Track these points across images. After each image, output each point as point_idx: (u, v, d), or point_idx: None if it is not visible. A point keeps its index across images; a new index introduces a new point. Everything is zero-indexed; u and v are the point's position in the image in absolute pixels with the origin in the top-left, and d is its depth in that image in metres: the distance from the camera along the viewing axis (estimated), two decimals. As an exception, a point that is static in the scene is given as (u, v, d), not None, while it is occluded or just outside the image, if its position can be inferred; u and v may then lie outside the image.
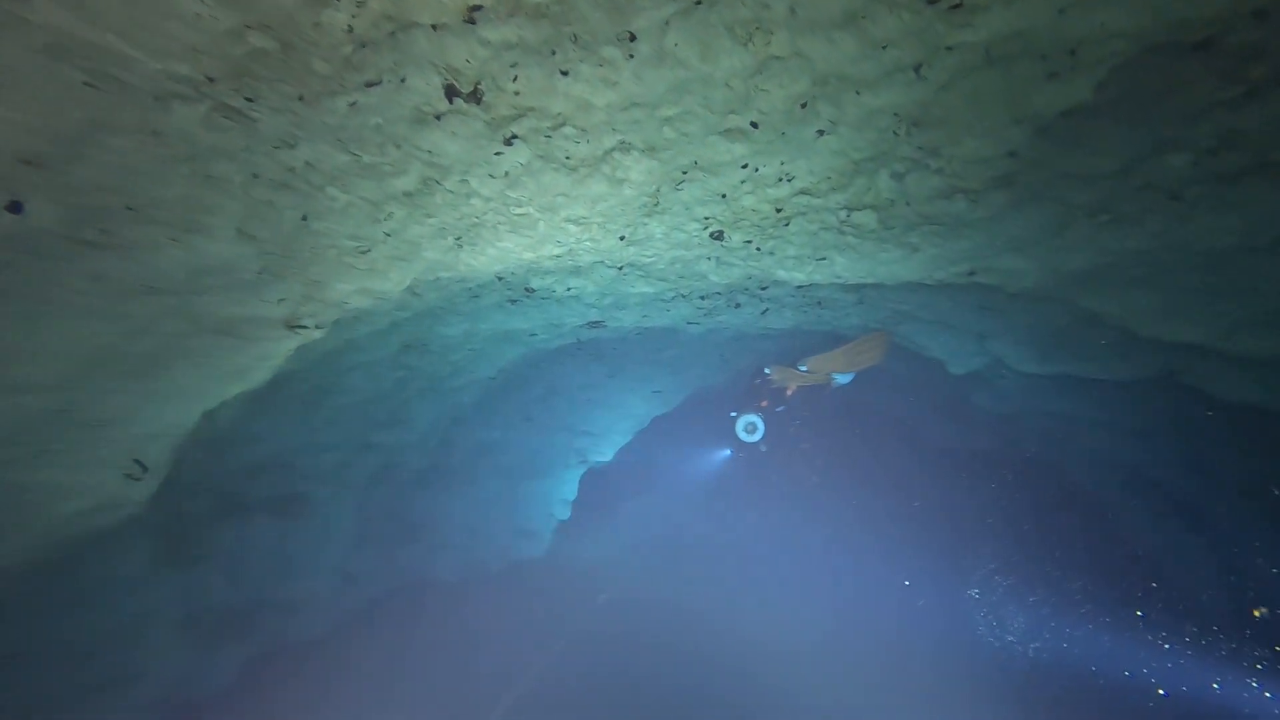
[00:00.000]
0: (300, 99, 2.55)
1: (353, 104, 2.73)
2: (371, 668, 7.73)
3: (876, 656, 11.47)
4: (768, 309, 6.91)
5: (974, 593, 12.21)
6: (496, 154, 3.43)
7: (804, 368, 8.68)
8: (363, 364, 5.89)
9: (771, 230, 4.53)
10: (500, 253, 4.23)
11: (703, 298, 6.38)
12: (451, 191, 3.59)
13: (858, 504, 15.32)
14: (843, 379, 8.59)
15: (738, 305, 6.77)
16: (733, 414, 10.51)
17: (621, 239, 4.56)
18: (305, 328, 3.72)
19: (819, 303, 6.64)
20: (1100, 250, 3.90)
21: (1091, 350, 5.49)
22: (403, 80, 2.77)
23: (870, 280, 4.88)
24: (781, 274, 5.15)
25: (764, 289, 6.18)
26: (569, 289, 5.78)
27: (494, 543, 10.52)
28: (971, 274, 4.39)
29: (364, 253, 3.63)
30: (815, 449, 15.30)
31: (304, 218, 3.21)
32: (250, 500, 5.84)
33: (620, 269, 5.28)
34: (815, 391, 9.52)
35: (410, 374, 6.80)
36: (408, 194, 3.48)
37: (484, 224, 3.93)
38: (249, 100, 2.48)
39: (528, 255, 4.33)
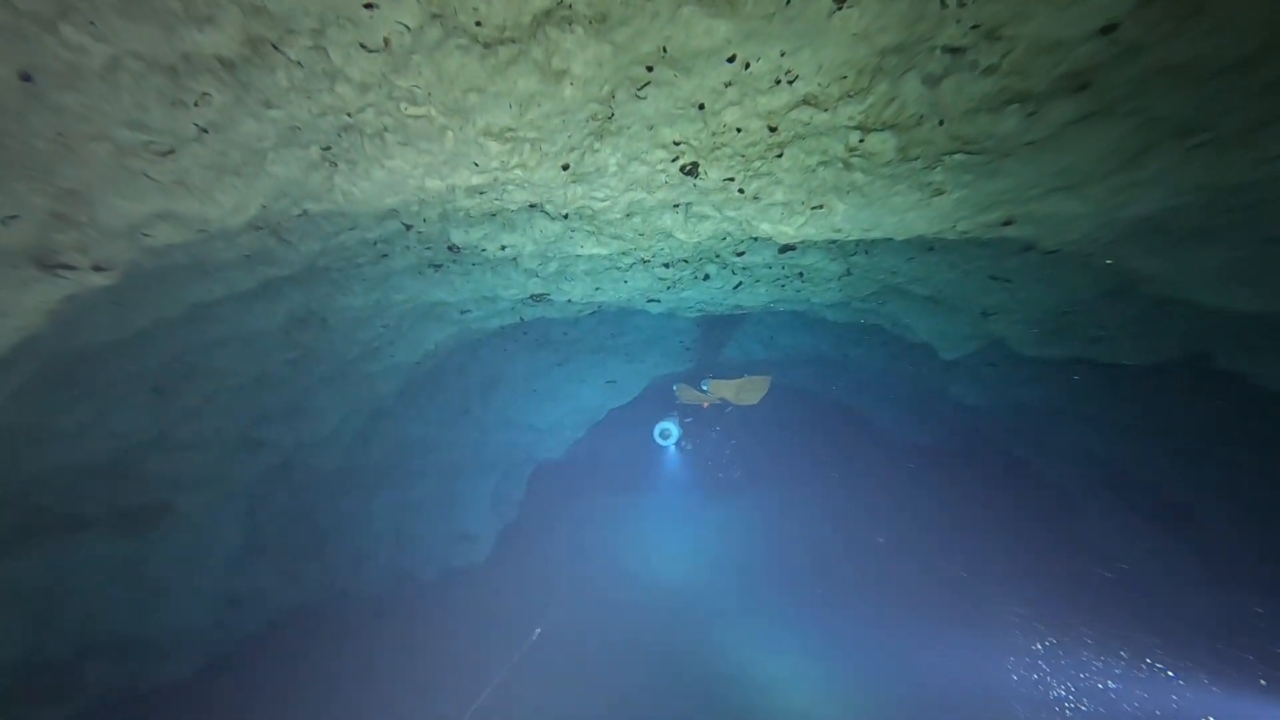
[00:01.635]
0: None
1: None
2: (262, 705, 6.35)
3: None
4: (741, 282, 5.88)
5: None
6: (366, 5, 2.24)
7: (706, 386, 9.01)
8: (234, 340, 4.54)
9: (759, 163, 3.47)
10: (392, 177, 3.01)
11: (666, 265, 5.29)
12: (301, 65, 2.36)
13: (816, 502, 14.61)
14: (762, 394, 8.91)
15: (706, 277, 5.71)
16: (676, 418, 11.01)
17: (565, 169, 3.41)
18: (74, 268, 2.43)
19: (800, 274, 5.65)
20: (1177, 187, 3.00)
21: (1113, 327, 4.68)
22: None
23: (875, 234, 3.89)
24: (765, 228, 4.11)
25: (739, 254, 5.15)
26: (503, 248, 4.59)
27: (426, 550, 9.20)
28: (1007, 223, 3.45)
29: (163, 154, 2.36)
30: (762, 448, 14.66)
31: (25, 76, 1.93)
32: (76, 516, 4.43)
33: (565, 218, 4.13)
34: (723, 405, 9.93)
35: (307, 355, 5.46)
36: (226, 62, 2.24)
37: (362, 128, 2.72)
38: None
39: (433, 184, 3.13)
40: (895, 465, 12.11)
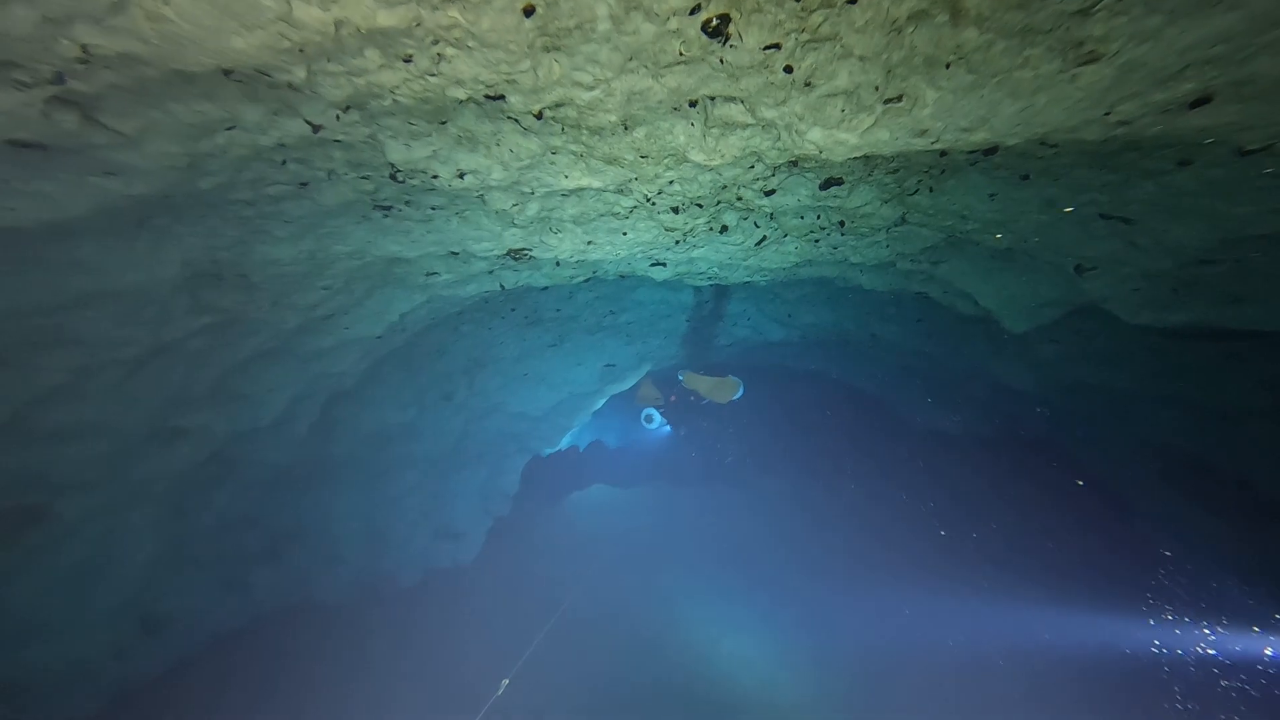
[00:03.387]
0: None
1: None
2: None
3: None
4: (765, 237, 4.64)
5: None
6: None
7: (681, 377, 8.55)
8: (104, 296, 3.33)
9: (819, 17, 2.22)
10: (235, -6, 1.76)
11: (674, 210, 4.05)
12: None
13: (823, 493, 13.41)
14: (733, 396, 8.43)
15: (723, 229, 4.48)
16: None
17: (528, 16, 2.16)
18: None
19: (841, 224, 4.41)
20: None
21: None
22: None
23: (976, 136, 2.65)
24: (815, 136, 2.87)
25: (769, 193, 3.90)
26: (461, 175, 3.35)
27: (406, 551, 8.03)
28: (1200, 101, 2.21)
29: None
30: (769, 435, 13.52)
31: None
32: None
33: (539, 122, 2.88)
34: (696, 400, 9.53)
35: (228, 323, 4.24)
36: None
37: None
38: None
39: (310, 14, 1.89)
40: (916, 455, 10.87)
